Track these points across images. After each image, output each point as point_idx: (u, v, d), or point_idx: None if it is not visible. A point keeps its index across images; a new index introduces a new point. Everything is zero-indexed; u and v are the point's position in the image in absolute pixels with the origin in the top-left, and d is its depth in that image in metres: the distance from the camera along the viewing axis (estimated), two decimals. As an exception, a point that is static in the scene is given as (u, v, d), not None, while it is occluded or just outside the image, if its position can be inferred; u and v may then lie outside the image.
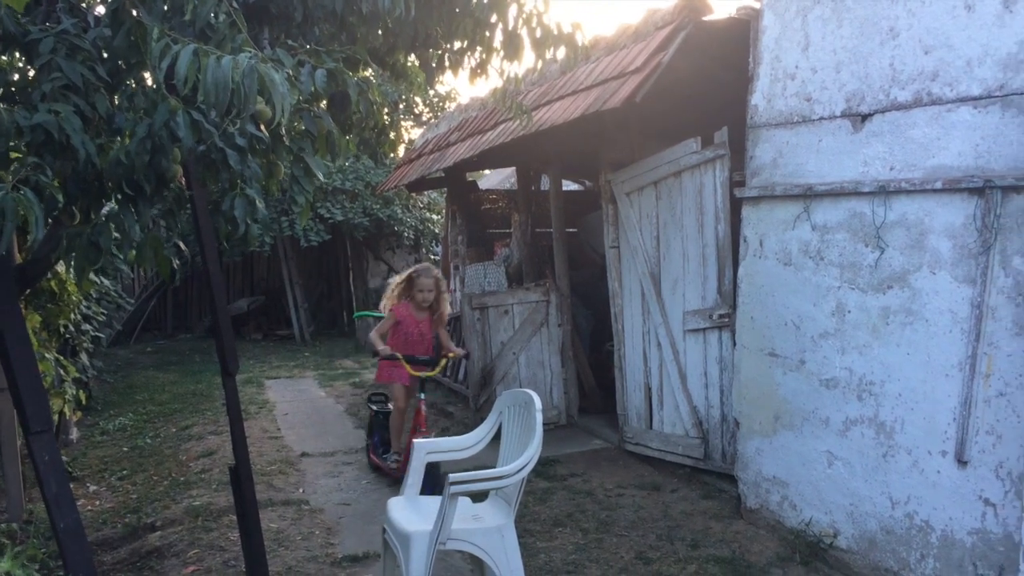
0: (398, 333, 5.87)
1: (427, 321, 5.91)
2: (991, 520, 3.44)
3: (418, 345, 5.83)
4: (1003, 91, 3.46)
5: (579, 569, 4.22)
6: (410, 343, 5.82)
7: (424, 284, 5.76)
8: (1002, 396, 3.41)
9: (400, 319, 5.84)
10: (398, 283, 5.97)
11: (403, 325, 5.84)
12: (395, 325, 5.87)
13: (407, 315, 5.84)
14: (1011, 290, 3.40)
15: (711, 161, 5.27)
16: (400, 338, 5.85)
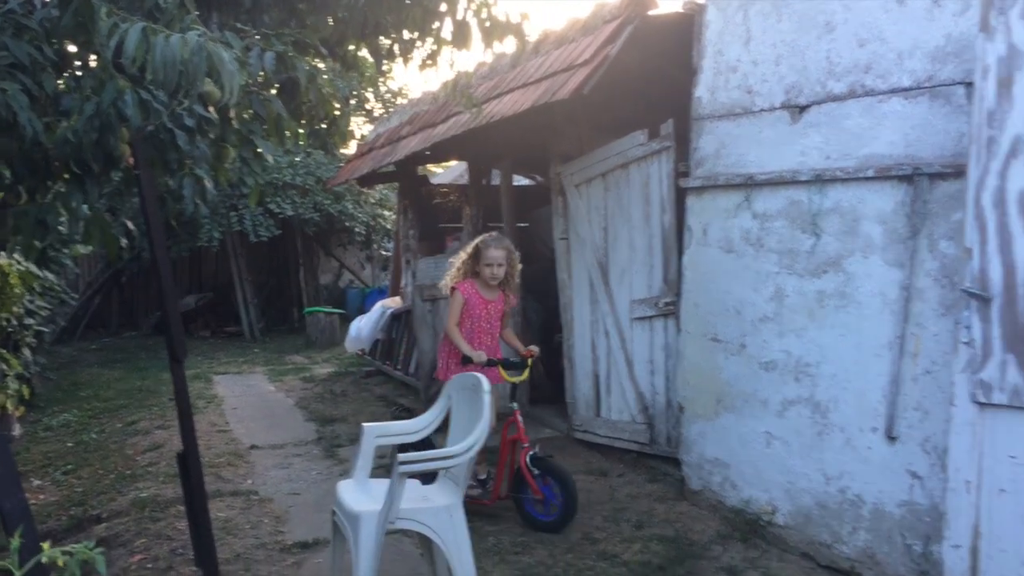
0: (464, 320, 4.88)
1: (498, 303, 4.93)
2: (918, 492, 3.59)
3: (484, 334, 4.88)
4: (931, 82, 3.62)
5: (527, 550, 4.30)
6: (477, 332, 4.87)
7: (493, 256, 4.78)
8: (928, 374, 3.57)
9: (467, 299, 4.83)
10: (462, 258, 4.99)
11: (470, 308, 4.85)
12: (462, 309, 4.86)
13: (473, 294, 4.84)
14: (937, 272, 3.56)
15: (657, 153, 5.39)
16: (465, 327, 4.88)
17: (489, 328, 4.89)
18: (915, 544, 3.60)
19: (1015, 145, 3.05)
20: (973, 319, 3.16)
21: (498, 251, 4.78)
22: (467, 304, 4.82)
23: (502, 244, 4.85)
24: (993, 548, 3.12)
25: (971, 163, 3.20)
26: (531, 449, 4.53)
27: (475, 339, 4.82)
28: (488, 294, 4.87)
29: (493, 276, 4.79)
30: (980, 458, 3.14)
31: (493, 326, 4.91)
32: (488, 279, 4.80)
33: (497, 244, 4.83)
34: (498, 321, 4.94)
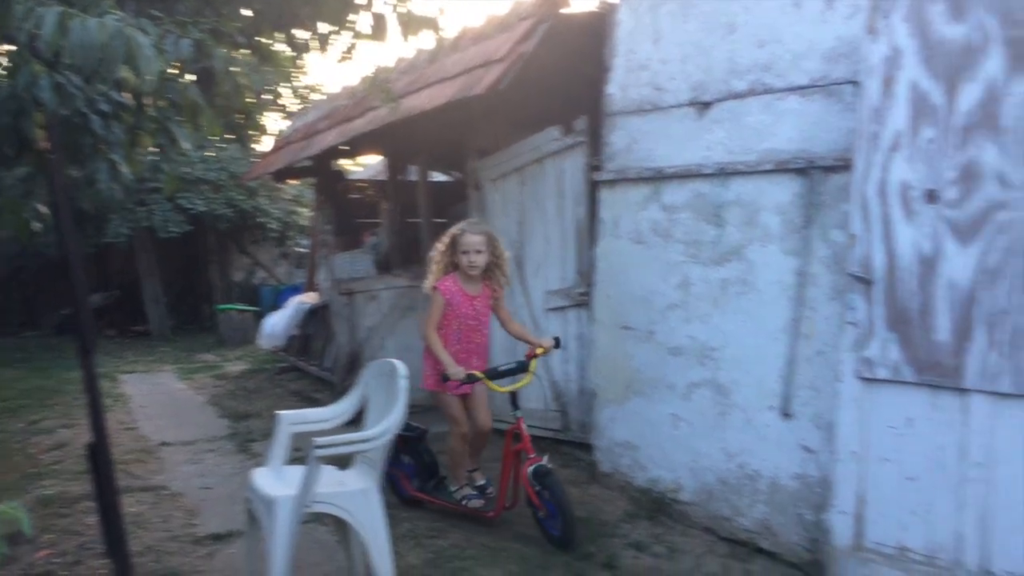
0: (449, 321, 4.44)
1: (484, 296, 4.52)
2: (810, 465, 3.82)
3: (474, 333, 4.50)
4: (825, 81, 3.86)
5: (443, 534, 4.37)
6: (465, 332, 4.47)
7: (471, 242, 4.37)
8: (820, 354, 3.80)
9: (450, 299, 4.41)
10: (440, 249, 4.53)
11: (454, 307, 4.42)
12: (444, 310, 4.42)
13: (456, 291, 4.43)
14: (829, 259, 3.80)
15: (571, 148, 5.55)
16: (452, 328, 4.44)
17: (478, 326, 4.50)
18: (807, 513, 3.83)
19: (896, 139, 3.30)
20: (858, 301, 3.39)
21: (476, 236, 4.39)
22: (451, 304, 4.40)
23: (480, 229, 4.48)
24: (876, 513, 3.36)
25: (857, 157, 3.44)
26: (537, 461, 4.14)
27: (463, 342, 4.46)
28: (471, 288, 4.46)
29: (472, 265, 4.37)
30: (865, 430, 3.38)
31: (482, 323, 4.52)
32: (467, 268, 4.39)
33: (474, 229, 4.45)
34: (487, 318, 4.56)
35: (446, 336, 4.42)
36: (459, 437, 4.51)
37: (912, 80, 3.25)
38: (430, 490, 4.71)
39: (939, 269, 3.18)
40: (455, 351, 4.39)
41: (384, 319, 7.18)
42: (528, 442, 4.18)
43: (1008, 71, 3.00)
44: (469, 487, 4.55)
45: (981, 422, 3.10)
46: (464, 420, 4.48)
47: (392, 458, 4.78)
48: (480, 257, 4.38)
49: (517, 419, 4.26)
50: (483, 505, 4.46)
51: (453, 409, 4.47)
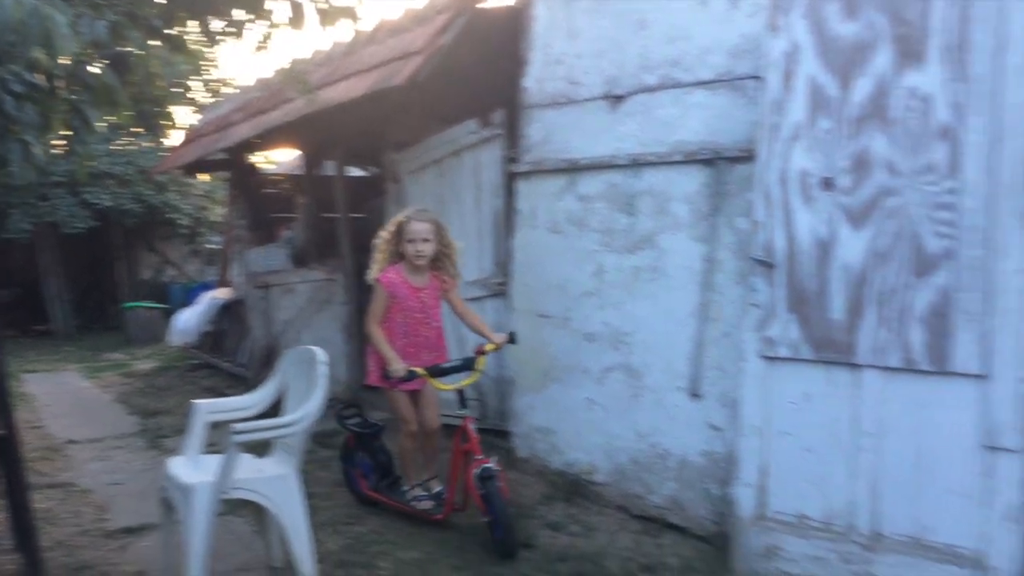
0: (394, 315, 4.26)
1: (431, 288, 4.32)
2: (717, 442, 4.00)
3: (421, 326, 4.29)
4: (730, 76, 4.04)
5: (361, 521, 4.40)
6: (412, 325, 4.27)
7: (416, 230, 4.18)
8: (727, 336, 3.98)
9: (393, 292, 4.23)
10: (384, 237, 4.34)
11: (398, 299, 4.23)
12: (389, 303, 4.24)
13: (400, 282, 4.24)
14: (734, 246, 3.98)
15: (489, 140, 5.63)
16: (397, 322, 4.26)
17: (426, 320, 4.30)
18: (714, 488, 4.00)
19: (795, 131, 3.49)
20: (761, 284, 3.57)
21: (422, 224, 4.20)
22: (394, 296, 4.21)
23: (427, 216, 4.28)
24: (777, 484, 3.54)
25: (760, 147, 3.62)
26: (484, 463, 3.93)
27: (411, 336, 4.27)
28: (417, 279, 4.27)
29: (418, 254, 4.18)
30: (767, 406, 3.56)
31: (431, 316, 4.32)
32: (413, 258, 4.20)
33: (421, 216, 4.25)
34: (436, 310, 4.35)
35: (391, 330, 4.24)
36: (408, 436, 4.36)
37: (810, 74, 3.44)
38: (384, 489, 4.53)
39: (834, 252, 3.38)
40: (402, 346, 4.22)
41: (300, 312, 7.13)
42: (475, 443, 4.00)
43: (896, 66, 3.22)
44: (420, 488, 4.41)
45: (872, 395, 3.31)
46: (412, 418, 4.32)
47: (348, 456, 4.76)
48: (427, 246, 4.19)
49: (464, 419, 4.07)
50: (432, 507, 4.29)
51: (401, 406, 4.31)
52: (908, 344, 3.21)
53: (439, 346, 4.40)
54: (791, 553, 3.48)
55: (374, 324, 4.21)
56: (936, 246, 3.14)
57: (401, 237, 4.23)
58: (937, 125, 3.13)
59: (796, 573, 3.47)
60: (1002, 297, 3.03)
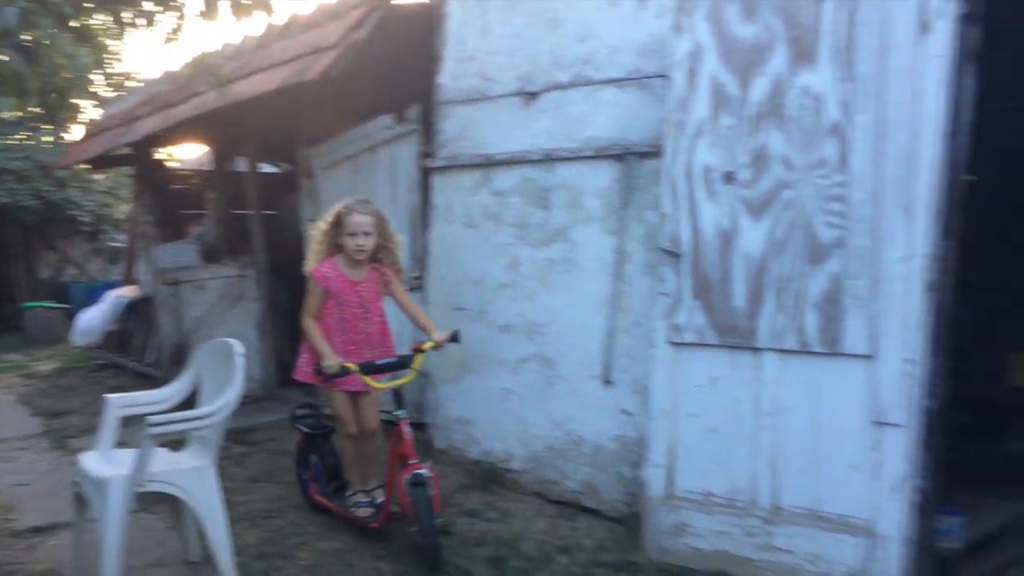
0: (330, 309, 4.06)
1: (371, 283, 4.09)
2: (628, 427, 4.16)
3: (360, 322, 4.08)
4: (639, 75, 4.20)
5: (280, 513, 4.39)
6: (350, 320, 4.06)
7: (358, 223, 3.95)
8: (637, 325, 4.14)
9: (328, 286, 4.02)
10: (323, 229, 4.09)
11: (335, 294, 4.03)
12: (325, 298, 4.04)
13: (336, 276, 4.02)
14: (643, 238, 4.14)
15: (404, 136, 5.67)
16: (335, 317, 4.06)
17: (366, 315, 4.08)
18: (626, 471, 4.16)
19: (700, 127, 3.66)
20: (669, 273, 3.74)
21: (364, 217, 3.97)
22: (330, 291, 4.01)
23: (369, 208, 4.03)
24: (684, 464, 3.71)
25: (667, 143, 3.78)
26: (416, 468, 3.70)
27: (349, 332, 4.06)
28: (355, 272, 4.04)
29: (359, 248, 3.95)
30: (675, 390, 3.72)
31: (371, 311, 4.10)
32: (353, 252, 3.97)
33: (362, 208, 4.00)
34: (377, 305, 4.14)
35: (329, 326, 4.04)
36: (346, 437, 4.17)
37: (712, 73, 3.62)
38: (330, 494, 4.30)
39: (736, 242, 3.56)
40: (341, 342, 4.03)
41: (212, 309, 7.02)
42: (409, 446, 3.75)
43: (791, 67, 3.42)
44: (363, 493, 4.18)
45: (771, 377, 3.50)
46: (351, 419, 4.12)
47: (302, 459, 4.55)
48: (368, 240, 3.97)
49: (399, 420, 3.82)
50: (369, 515, 4.06)
51: (339, 406, 4.11)
52: (803, 328, 3.42)
53: (384, 342, 4.19)
54: (698, 529, 3.66)
55: (308, 319, 4.02)
56: (828, 236, 3.35)
57: (340, 229, 3.99)
58: (828, 122, 3.34)
59: (703, 548, 3.65)
60: (887, 283, 3.25)
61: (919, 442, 3.24)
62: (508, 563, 3.73)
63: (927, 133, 3.14)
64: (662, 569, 3.64)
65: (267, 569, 3.70)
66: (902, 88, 3.18)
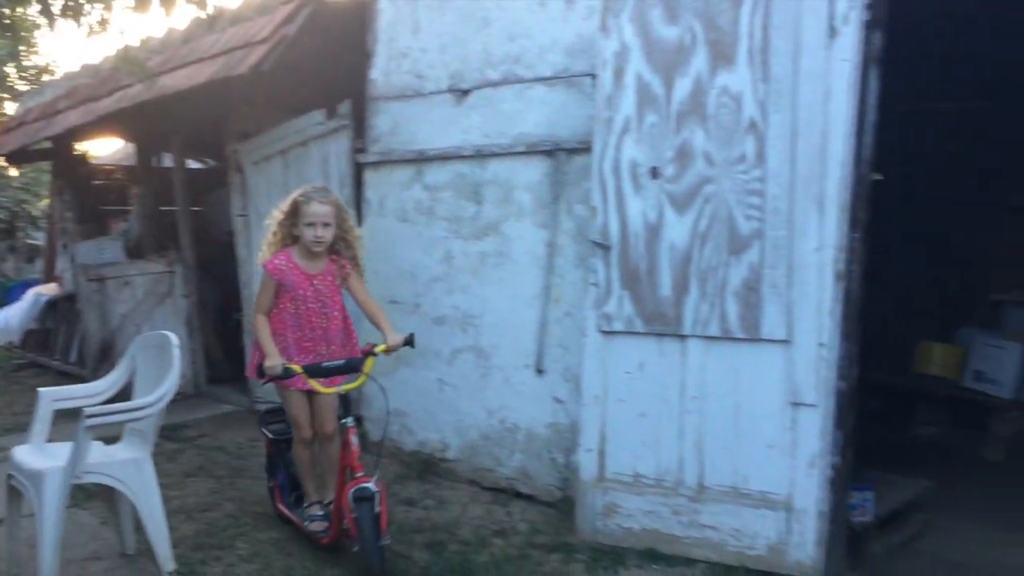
0: (284, 304, 3.76)
1: (328, 275, 3.80)
2: (561, 414, 4.30)
3: (316, 317, 3.77)
4: (567, 73, 4.34)
5: (215, 507, 4.40)
6: (305, 316, 3.76)
7: (317, 213, 3.66)
8: (568, 315, 4.28)
9: (281, 279, 3.72)
10: (277, 218, 3.81)
11: (288, 288, 3.73)
12: (278, 291, 3.75)
13: (290, 269, 3.72)
14: (574, 231, 4.28)
15: (336, 131, 5.69)
16: (289, 312, 3.76)
17: (323, 310, 3.78)
18: (558, 457, 4.31)
19: (626, 124, 3.82)
20: (599, 265, 3.88)
21: (324, 206, 3.68)
22: (283, 285, 3.72)
23: (329, 198, 3.76)
24: (615, 448, 3.87)
25: (595, 139, 3.92)
26: (362, 482, 3.42)
27: (305, 328, 3.77)
28: (312, 265, 3.75)
29: (317, 240, 3.67)
30: (605, 377, 3.88)
31: (329, 306, 3.80)
32: (311, 244, 3.69)
33: (322, 197, 3.73)
34: (335, 300, 3.83)
35: (283, 322, 3.76)
36: (300, 443, 3.88)
37: (638, 73, 3.78)
38: (291, 505, 4.04)
39: (662, 234, 3.73)
40: (295, 339, 3.77)
41: (139, 306, 6.92)
42: (355, 457, 3.49)
43: (711, 68, 3.60)
44: (318, 505, 3.90)
45: (696, 362, 3.68)
46: (305, 423, 3.82)
47: (271, 466, 4.27)
48: (327, 231, 3.68)
49: (346, 428, 3.56)
50: (321, 530, 3.79)
51: (293, 407, 3.82)
52: (725, 315, 3.60)
53: (347, 340, 3.92)
54: (628, 509, 3.82)
55: (258, 314, 3.76)
56: (747, 228, 3.55)
57: (297, 219, 3.71)
58: (746, 121, 3.53)
59: (633, 528, 3.81)
60: (802, 272, 3.46)
61: (832, 421, 3.46)
62: (446, 547, 3.83)
63: (836, 132, 3.35)
64: (595, 549, 3.79)
65: (205, 559, 3.72)
66: (813, 89, 3.38)
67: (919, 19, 4.72)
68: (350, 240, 3.84)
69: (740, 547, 3.60)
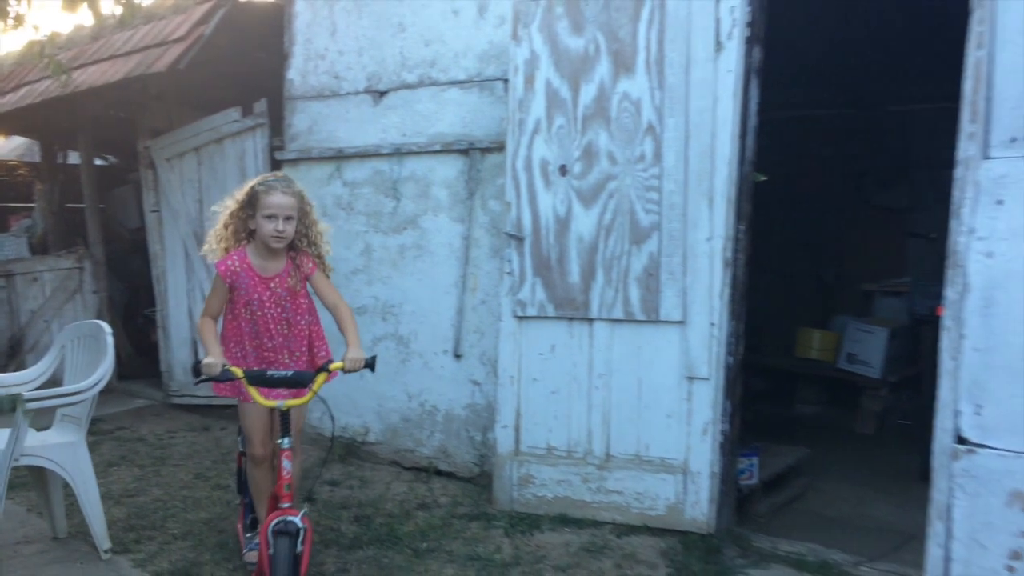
0: (238, 309, 3.27)
1: (286, 276, 3.28)
2: (478, 395, 4.61)
3: (275, 323, 3.28)
4: (480, 77, 4.65)
5: (142, 492, 4.52)
6: (263, 322, 3.26)
7: (277, 204, 3.15)
8: (484, 303, 4.60)
9: (235, 282, 3.22)
10: (231, 210, 3.28)
11: (244, 292, 3.23)
12: (230, 294, 3.26)
13: (243, 270, 3.22)
14: (488, 225, 4.60)
15: (252, 129, 5.86)
16: (243, 317, 3.27)
17: (283, 315, 3.28)
18: (476, 435, 4.61)
19: (537, 125, 4.15)
20: (513, 255, 4.21)
21: (286, 197, 3.18)
22: (236, 288, 3.22)
23: (291, 188, 3.25)
24: (529, 423, 4.20)
25: (509, 139, 4.24)
26: (286, 513, 2.94)
27: (262, 335, 3.27)
28: (269, 266, 3.24)
29: (278, 236, 3.15)
30: (520, 358, 4.20)
31: (291, 311, 3.30)
32: (270, 240, 3.16)
33: (285, 187, 3.22)
34: (298, 304, 3.33)
35: (239, 329, 3.29)
36: (251, 460, 3.35)
37: (547, 79, 4.12)
38: (246, 527, 3.61)
39: (571, 227, 4.08)
40: (255, 347, 3.30)
41: (48, 302, 6.87)
42: (283, 485, 2.97)
43: (613, 75, 3.96)
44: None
45: (602, 343, 4.05)
46: (260, 439, 3.30)
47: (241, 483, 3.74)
48: (289, 226, 3.18)
49: (280, 450, 3.01)
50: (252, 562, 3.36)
51: (247, 420, 3.32)
52: (628, 300, 3.98)
53: (316, 348, 3.46)
54: (542, 479, 4.16)
55: (205, 317, 3.26)
56: (647, 220, 3.93)
57: (255, 211, 3.18)
58: (645, 124, 3.91)
59: (547, 496, 4.15)
60: (695, 260, 3.86)
61: (722, 392, 3.88)
62: (373, 520, 4.07)
63: (723, 134, 3.77)
64: (512, 516, 4.11)
65: (139, 539, 3.86)
66: (703, 96, 3.79)
67: (796, 36, 5.25)
68: (312, 236, 3.36)
69: (643, 508, 3.98)
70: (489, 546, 3.78)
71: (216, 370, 2.98)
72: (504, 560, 3.64)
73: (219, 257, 3.27)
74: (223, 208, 3.32)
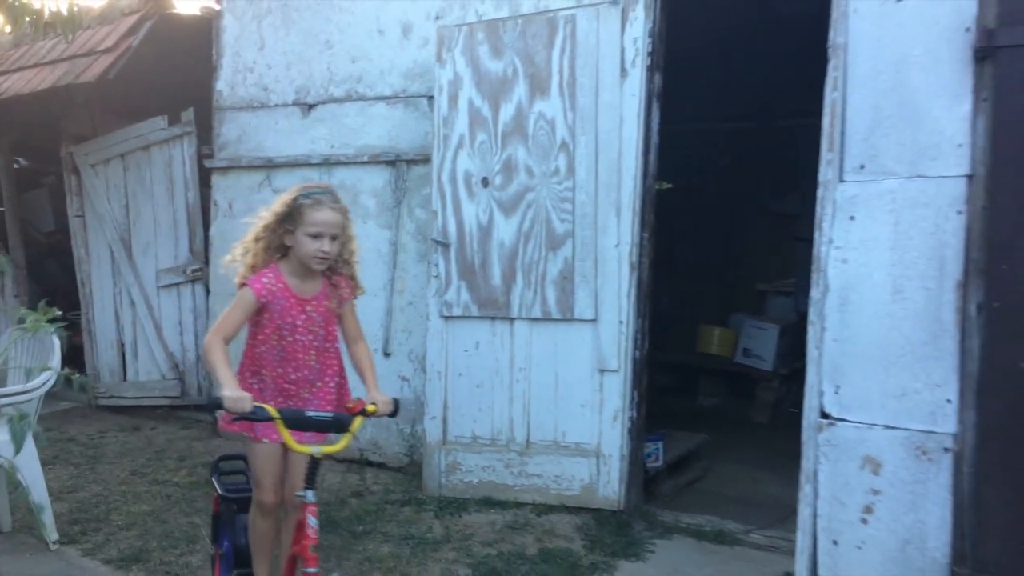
0: (267, 334, 2.87)
1: (322, 299, 2.93)
2: (407, 390, 4.94)
3: (305, 352, 2.91)
4: (406, 94, 4.98)
5: (81, 488, 4.68)
6: (292, 349, 2.88)
7: (326, 221, 2.79)
8: (411, 304, 4.93)
9: (270, 302, 2.82)
10: (268, 222, 2.89)
11: (278, 315, 2.84)
12: (257, 316, 2.85)
13: (280, 291, 2.83)
14: (415, 231, 4.93)
15: (179, 137, 6.03)
16: (271, 343, 2.87)
17: (316, 343, 2.92)
18: (405, 427, 4.94)
19: (460, 141, 4.51)
20: (439, 259, 4.55)
21: (333, 214, 2.83)
22: (269, 310, 2.82)
23: (338, 204, 2.89)
24: (456, 415, 4.55)
25: (434, 153, 4.59)
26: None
27: (289, 362, 2.88)
28: (305, 287, 2.88)
29: (322, 257, 2.80)
30: (446, 355, 4.55)
31: (322, 339, 2.94)
32: (311, 261, 2.80)
33: (333, 202, 2.86)
34: (331, 330, 2.99)
35: (261, 356, 2.90)
36: (258, 507, 2.92)
37: (469, 98, 4.48)
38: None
39: (493, 234, 4.45)
40: (275, 377, 2.89)
41: (-33, 308, 6.85)
42: (309, 546, 2.52)
43: (530, 96, 4.36)
44: None
45: (522, 340, 4.43)
46: (271, 484, 2.89)
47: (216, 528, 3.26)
48: (335, 247, 2.85)
49: (304, 504, 2.58)
50: None
51: (260, 462, 2.90)
52: (546, 300, 4.37)
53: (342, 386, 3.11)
54: (468, 466, 4.52)
55: (216, 338, 2.72)
56: (562, 228, 4.33)
57: (296, 226, 2.81)
58: (559, 141, 4.31)
59: (472, 481, 4.51)
60: (605, 264, 4.28)
61: (630, 383, 4.31)
62: (310, 508, 4.35)
63: (628, 151, 4.20)
64: (440, 500, 4.45)
65: (84, 531, 4.05)
66: (610, 117, 4.22)
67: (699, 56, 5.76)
68: (348, 257, 3.00)
69: (560, 489, 4.38)
70: (421, 527, 4.13)
71: (246, 407, 2.49)
72: (436, 538, 3.99)
73: (244, 274, 2.90)
74: (259, 222, 2.93)
